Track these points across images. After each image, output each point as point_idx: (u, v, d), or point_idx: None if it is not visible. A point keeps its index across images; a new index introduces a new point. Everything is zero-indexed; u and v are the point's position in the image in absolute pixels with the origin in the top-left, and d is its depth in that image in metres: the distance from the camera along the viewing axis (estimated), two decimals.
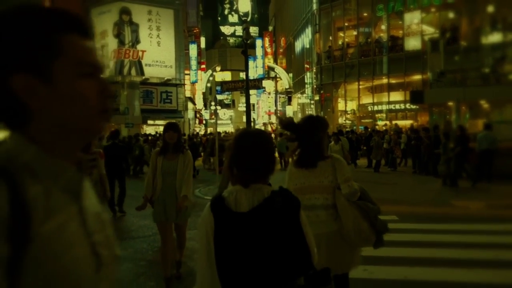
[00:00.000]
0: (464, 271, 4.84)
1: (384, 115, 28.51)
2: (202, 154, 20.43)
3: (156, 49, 33.96)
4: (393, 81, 27.34)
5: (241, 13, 10.71)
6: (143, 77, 33.05)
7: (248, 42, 11.66)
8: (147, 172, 4.59)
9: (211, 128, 35.21)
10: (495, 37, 20.34)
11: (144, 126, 32.25)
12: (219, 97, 66.62)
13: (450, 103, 17.05)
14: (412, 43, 25.78)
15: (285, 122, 3.02)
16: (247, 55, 11.02)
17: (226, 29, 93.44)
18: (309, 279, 1.65)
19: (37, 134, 0.81)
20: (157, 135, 24.08)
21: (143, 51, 33.34)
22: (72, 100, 0.82)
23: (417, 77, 25.49)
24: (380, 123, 27.72)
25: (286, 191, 1.71)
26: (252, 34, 72.96)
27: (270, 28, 58.21)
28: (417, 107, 25.36)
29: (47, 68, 0.80)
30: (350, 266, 2.87)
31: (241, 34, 48.76)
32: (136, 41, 33.65)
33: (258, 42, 49.38)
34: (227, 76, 60.07)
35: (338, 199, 2.76)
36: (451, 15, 24.40)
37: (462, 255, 5.36)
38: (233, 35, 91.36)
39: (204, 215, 1.68)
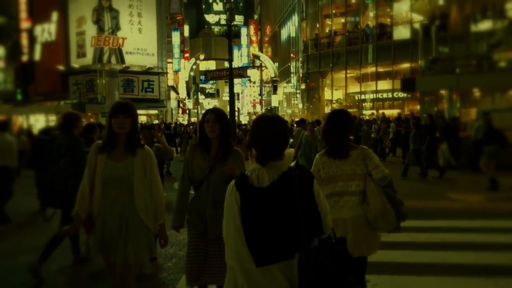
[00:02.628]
0: (483, 280, 4.18)
1: (370, 104, 28.01)
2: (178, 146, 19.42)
3: (137, 37, 32.75)
4: (381, 69, 26.80)
5: None
6: (124, 65, 31.86)
7: (232, 25, 10.84)
8: (83, 177, 2.93)
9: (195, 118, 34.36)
10: (485, 25, 19.87)
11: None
12: (203, 86, 65.40)
13: (442, 91, 16.52)
14: (401, 31, 25.20)
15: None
16: (231, 39, 10.20)
17: (210, 18, 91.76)
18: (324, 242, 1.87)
19: None
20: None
21: (123, 38, 32.11)
22: None
23: (406, 65, 24.99)
24: (366, 112, 27.20)
25: (302, 166, 1.92)
26: (237, 23, 71.75)
27: (256, 16, 57.15)
28: (405, 96, 24.90)
29: None
30: (372, 250, 3.02)
31: (226, 22, 47.38)
32: (116, 28, 32.38)
33: (243, 31, 48.38)
34: (211, 65, 58.87)
35: (368, 185, 2.95)
36: (440, 1, 23.82)
37: (474, 260, 4.71)
38: (217, 23, 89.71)
39: (229, 193, 1.88)
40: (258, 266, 1.77)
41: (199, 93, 58.87)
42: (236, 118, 31.46)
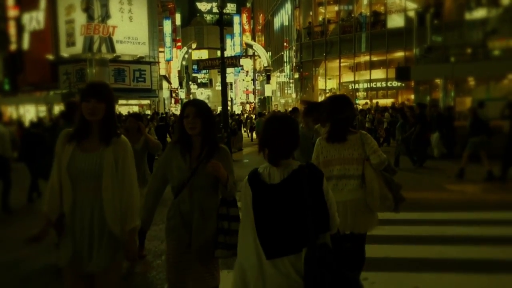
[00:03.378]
0: (490, 277, 4.04)
1: (364, 93, 27.84)
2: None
3: (128, 25, 32.10)
4: (374, 58, 26.59)
5: None
6: (114, 55, 31.31)
7: (224, 13, 10.54)
8: (52, 172, 2.42)
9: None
10: (479, 13, 19.68)
11: (116, 106, 30.59)
12: (196, 75, 64.82)
13: (437, 80, 16.35)
14: (395, 19, 24.96)
15: (311, 104, 3.59)
16: (223, 26, 9.92)
17: (202, 6, 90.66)
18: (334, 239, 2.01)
19: None
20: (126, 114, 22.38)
21: (114, 27, 31.46)
22: None
23: (400, 54, 24.80)
24: (360, 102, 27.03)
25: (312, 165, 2.03)
26: (229, 11, 71.03)
27: (248, 5, 56.51)
28: (399, 85, 24.75)
29: None
30: (370, 228, 3.12)
31: (218, 10, 46.30)
32: (106, 16, 31.69)
33: (236, 19, 47.84)
34: (204, 54, 58.36)
35: (366, 169, 3.02)
36: None
37: (474, 254, 4.57)
38: (210, 12, 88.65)
39: (243, 188, 2.00)
40: (268, 259, 1.88)
41: (192, 83, 58.45)
42: (229, 108, 31.07)
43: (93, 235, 2.33)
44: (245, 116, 31.44)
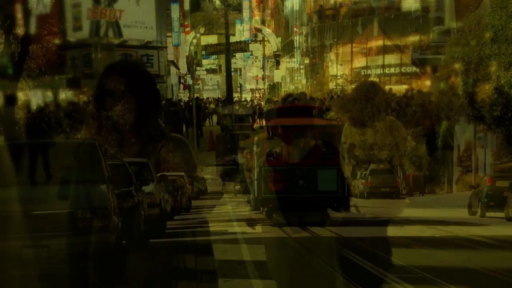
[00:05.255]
0: None
1: (376, 79, 27.03)
2: None
3: (135, 9, 31.65)
4: (388, 43, 25.72)
5: None
6: (121, 39, 30.89)
7: None
8: None
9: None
10: None
11: None
12: (205, 61, 64.32)
13: (456, 65, 15.57)
14: (410, 2, 24.03)
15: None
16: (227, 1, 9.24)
17: None
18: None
19: None
20: None
21: (120, 11, 31.03)
22: None
23: (415, 38, 23.93)
24: None
25: (329, 142, 3.66)
26: None
27: None
28: (413, 70, 23.98)
29: None
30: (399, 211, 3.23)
31: None
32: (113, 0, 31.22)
33: (245, 4, 46.97)
34: (213, 39, 57.57)
35: (394, 155, 3.19)
36: None
37: None
38: None
39: (262, 166, 3.29)
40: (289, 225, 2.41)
41: (200, 68, 58.02)
42: (238, 94, 30.49)
43: None
44: (255, 102, 30.92)
